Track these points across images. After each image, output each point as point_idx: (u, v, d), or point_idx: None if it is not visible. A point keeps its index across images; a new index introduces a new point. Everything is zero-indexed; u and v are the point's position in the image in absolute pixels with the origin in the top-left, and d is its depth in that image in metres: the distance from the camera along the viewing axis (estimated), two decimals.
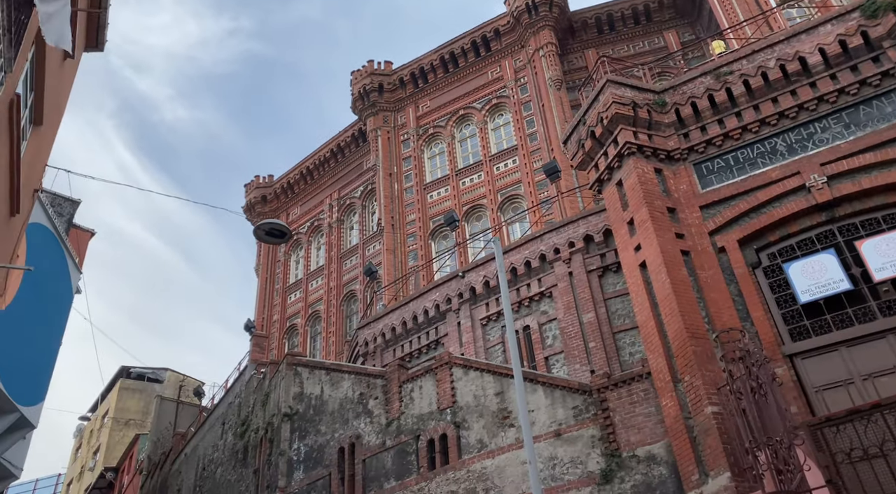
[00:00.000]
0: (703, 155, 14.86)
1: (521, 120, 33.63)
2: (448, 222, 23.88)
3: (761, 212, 13.71)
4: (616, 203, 15.15)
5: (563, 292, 18.09)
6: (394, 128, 37.96)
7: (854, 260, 12.57)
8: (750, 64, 14.74)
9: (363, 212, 39.34)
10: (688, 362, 12.32)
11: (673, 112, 15.32)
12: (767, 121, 14.33)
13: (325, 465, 17.53)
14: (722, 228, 13.91)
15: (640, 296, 13.84)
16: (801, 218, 13.32)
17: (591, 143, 15.84)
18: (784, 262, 13.26)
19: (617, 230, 15.03)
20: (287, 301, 40.92)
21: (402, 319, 21.28)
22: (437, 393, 16.13)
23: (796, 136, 14.01)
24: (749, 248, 13.59)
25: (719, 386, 11.95)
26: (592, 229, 18.34)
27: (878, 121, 13.22)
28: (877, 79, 13.43)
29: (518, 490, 13.90)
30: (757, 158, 14.26)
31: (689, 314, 12.79)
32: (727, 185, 14.27)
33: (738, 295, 13.18)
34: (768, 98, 14.43)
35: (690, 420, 12.18)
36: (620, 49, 35.32)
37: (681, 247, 13.74)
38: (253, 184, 46.28)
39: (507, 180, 32.47)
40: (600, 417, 13.65)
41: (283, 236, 12.90)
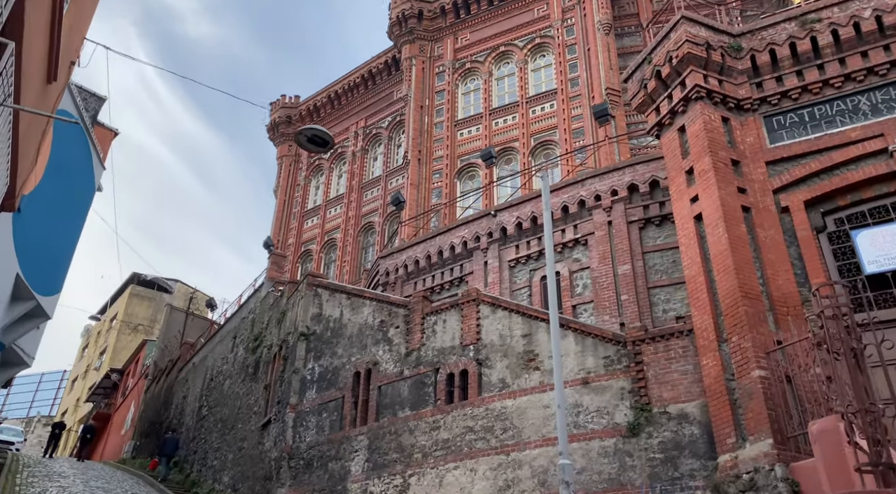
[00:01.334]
0: (776, 107, 13.86)
1: (564, 63, 32.22)
2: (486, 157, 23.01)
3: (834, 173, 12.82)
4: (676, 150, 14.25)
5: (600, 241, 17.37)
6: (430, 58, 36.56)
7: None
8: (842, 12, 13.56)
9: (389, 144, 38.37)
10: (738, 322, 11.68)
11: (748, 58, 14.23)
12: (853, 76, 13.26)
13: (339, 387, 17.23)
14: (788, 187, 13.05)
15: (692, 250, 13.11)
16: (877, 183, 12.43)
17: (656, 84, 14.81)
18: (853, 229, 12.45)
19: (673, 179, 14.18)
20: (303, 226, 40.42)
21: (427, 253, 20.67)
22: (462, 329, 15.63)
23: (883, 96, 12.98)
24: (815, 211, 12.75)
25: (769, 350, 11.35)
26: (639, 178, 17.46)
27: None
28: None
29: (538, 433, 13.52)
30: (836, 116, 13.26)
31: (745, 273, 12.08)
32: (799, 142, 13.33)
33: (797, 259, 12.43)
34: (857, 51, 13.32)
35: (733, 383, 11.62)
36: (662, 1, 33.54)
37: (742, 203, 12.91)
38: (279, 103, 45.17)
39: (542, 124, 31.34)
40: (633, 369, 13.12)
41: (325, 144, 12.18)
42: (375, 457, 15.67)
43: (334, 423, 16.85)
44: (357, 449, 16.13)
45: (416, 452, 14.98)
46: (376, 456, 15.68)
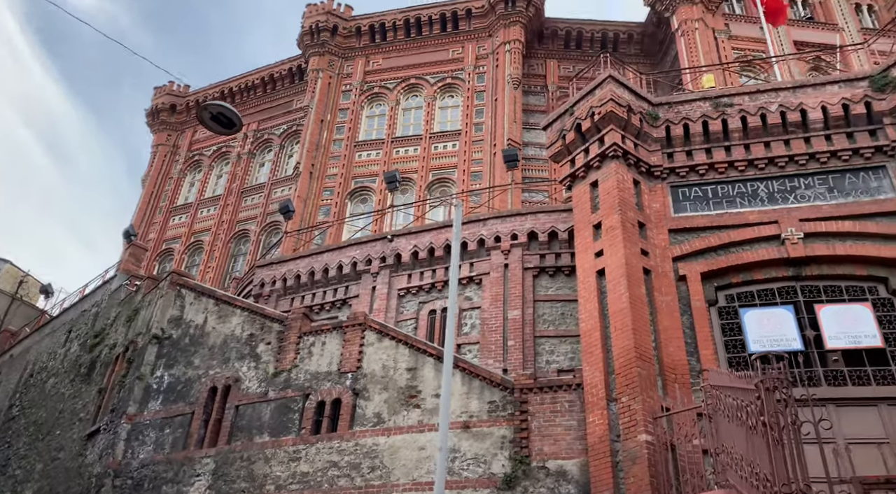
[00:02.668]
0: (683, 179, 14.32)
1: (471, 107, 32.53)
2: (390, 180, 22.25)
3: (730, 251, 13.31)
4: (586, 203, 14.28)
5: (495, 283, 17.04)
6: (338, 75, 35.63)
7: (810, 322, 12.37)
8: (752, 102, 14.39)
9: (280, 152, 36.64)
10: (630, 383, 11.57)
11: (664, 128, 14.70)
12: (755, 163, 14.00)
13: (189, 402, 15.36)
14: (687, 257, 13.38)
15: (591, 304, 13.01)
16: (767, 267, 13.02)
17: (575, 136, 14.90)
18: (742, 307, 12.90)
19: (580, 231, 14.16)
20: (169, 222, 37.31)
21: (311, 268, 19.40)
22: (342, 354, 14.52)
23: (780, 186, 13.76)
24: (710, 284, 13.13)
25: (655, 415, 11.30)
26: (539, 226, 17.43)
27: (862, 193, 13.20)
28: (869, 151, 13.43)
29: (409, 476, 12.61)
30: (736, 197, 13.88)
31: (641, 334, 12.08)
32: (701, 216, 13.78)
33: (689, 329, 12.65)
34: (761, 141, 14.12)
35: (617, 444, 11.43)
36: (579, 69, 35.10)
37: (644, 265, 13.05)
38: (165, 89, 42.06)
39: (442, 161, 31.23)
40: (517, 418, 12.65)
41: (230, 126, 10.93)
42: (220, 485, 13.98)
43: (177, 441, 14.94)
44: (200, 474, 14.33)
45: (269, 484, 13.51)
46: (221, 484, 13.99)
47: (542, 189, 29.67)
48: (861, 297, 12.45)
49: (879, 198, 12.99)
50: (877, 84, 13.68)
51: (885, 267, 12.45)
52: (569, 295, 16.49)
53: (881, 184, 13.18)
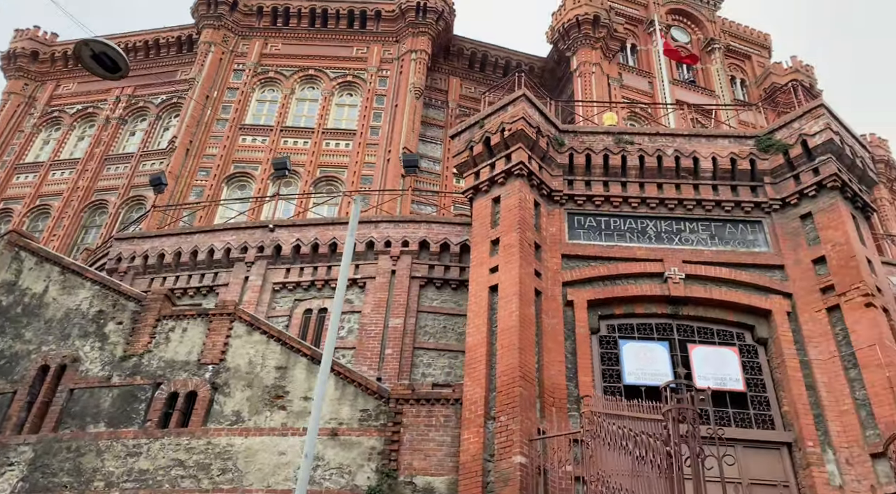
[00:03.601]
0: (580, 208, 14.55)
1: (370, 110, 31.83)
2: (279, 166, 20.96)
3: (616, 282, 13.60)
4: (486, 218, 14.08)
5: (379, 288, 16.40)
6: (231, 52, 33.63)
7: (683, 360, 12.83)
8: (651, 143, 14.93)
9: (155, 123, 33.82)
10: (511, 402, 11.36)
11: (567, 155, 14.90)
12: (648, 201, 14.49)
13: (12, 380, 13.33)
14: (576, 283, 13.51)
15: (480, 319, 12.74)
16: (649, 303, 13.41)
17: (482, 149, 14.72)
18: (621, 338, 13.16)
19: (477, 245, 13.91)
20: (12, 179, 33.20)
21: (179, 248, 17.73)
22: (205, 344, 13.23)
23: (667, 226, 14.31)
24: (594, 312, 13.30)
25: (532, 438, 11.14)
26: (432, 236, 17.06)
27: (740, 243, 14.00)
28: (750, 205, 14.31)
29: (264, 482, 11.59)
30: (627, 232, 14.26)
31: (527, 354, 11.95)
32: (593, 245, 14.02)
33: (571, 354, 12.70)
34: (655, 181, 14.66)
35: (490, 464, 11.13)
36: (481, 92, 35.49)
37: (536, 286, 13.01)
38: (28, 33, 37.70)
39: (332, 159, 30.18)
40: (389, 429, 12.04)
41: (114, 70, 9.63)
42: (37, 477, 12.15)
43: None
44: (13, 463, 12.41)
45: (98, 480, 11.91)
46: (38, 476, 12.17)
47: (432, 202, 29.47)
48: (730, 342, 13.12)
49: (754, 251, 13.84)
50: (762, 144, 14.67)
51: (753, 315, 13.21)
52: (453, 308, 16.20)
53: (757, 237, 14.06)
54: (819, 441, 11.47)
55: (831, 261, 12.97)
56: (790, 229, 13.87)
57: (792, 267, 13.41)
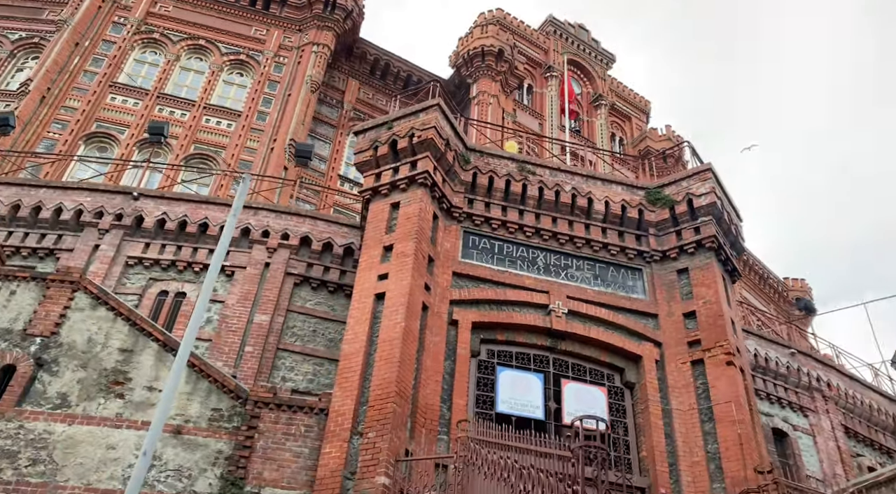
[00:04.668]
0: (477, 228, 14.29)
1: (260, 94, 30.12)
2: (154, 131, 19.00)
3: (503, 308, 13.41)
4: (381, 222, 13.41)
5: (248, 279, 15.12)
6: (113, 2, 30.63)
7: (555, 394, 12.80)
8: (552, 177, 15.06)
9: (8, 61, 29.89)
10: (382, 418, 10.66)
11: (471, 173, 14.65)
12: (542, 233, 14.52)
13: None
14: (464, 303, 13.15)
15: (361, 327, 11.97)
16: (531, 333, 13.31)
17: (388, 152, 14.09)
18: (499, 365, 12.93)
19: (368, 249, 13.17)
20: None
21: (18, 201, 15.36)
22: (36, 312, 11.36)
23: (556, 260, 14.40)
24: (477, 335, 12.98)
25: (399, 458, 10.51)
26: (316, 234, 16.08)
27: (620, 288, 14.35)
28: (633, 253, 14.76)
29: (83, 479, 10.00)
30: (518, 259, 14.18)
31: (406, 369, 11.35)
32: (485, 267, 13.77)
33: (449, 375, 12.25)
34: (551, 215, 14.75)
35: (350, 482, 10.33)
36: (378, 100, 34.98)
37: (424, 300, 12.48)
38: None
39: (210, 137, 28.10)
40: (242, 433, 10.89)
41: None
42: None
43: None
44: None
45: None
46: None
47: (311, 201, 28.22)
48: (600, 381, 13.30)
49: (632, 297, 14.24)
50: (651, 196, 15.26)
51: (624, 358, 13.50)
52: (327, 312, 15.27)
53: (636, 284, 14.50)
54: (671, 489, 11.79)
55: (701, 317, 13.60)
56: (667, 281, 14.45)
57: (665, 317, 13.93)
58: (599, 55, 41.65)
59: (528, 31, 39.26)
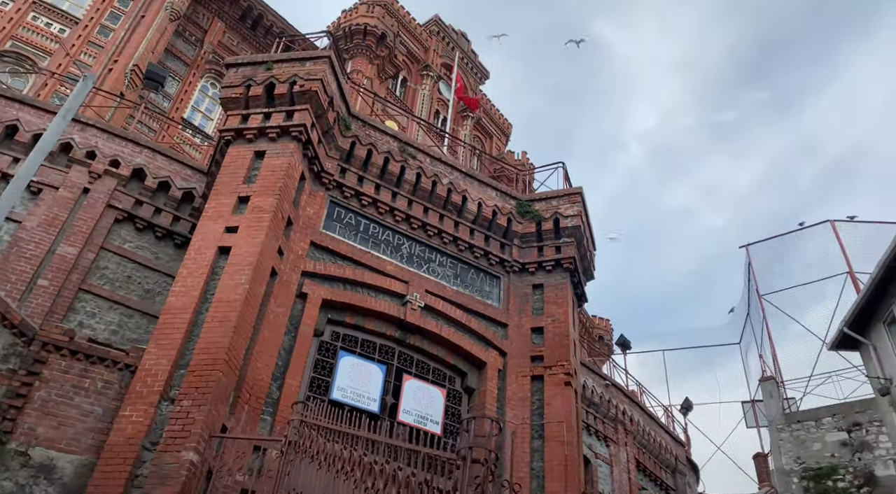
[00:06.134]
0: (345, 201, 13.16)
1: (108, 5, 26.38)
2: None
3: (358, 290, 12.36)
4: (240, 169, 11.81)
5: (59, 203, 12.64)
6: None
7: (395, 389, 11.99)
8: (431, 166, 14.35)
9: None
10: (203, 386, 9.15)
11: (350, 141, 13.52)
12: (411, 221, 13.73)
13: None
14: (317, 277, 11.93)
15: (195, 280, 10.30)
16: (382, 321, 12.40)
17: (261, 93, 12.52)
18: (342, 349, 11.86)
19: (220, 195, 11.48)
20: None
21: None
22: None
23: (421, 251, 13.67)
24: (325, 314, 11.82)
25: (214, 434, 9.08)
26: (154, 169, 13.91)
27: (478, 292, 13.94)
28: (495, 260, 14.43)
29: None
30: (383, 243, 13.24)
31: (241, 336, 9.92)
32: (347, 244, 12.66)
33: (286, 351, 10.97)
34: (423, 204, 14.02)
35: (149, 453, 8.71)
36: (243, 50, 32.28)
37: (275, 264, 11.11)
38: None
39: (35, 38, 24.02)
40: (20, 378, 8.81)
41: None
42: None
43: None
44: None
45: None
46: None
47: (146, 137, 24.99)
48: (441, 382, 12.71)
49: (488, 303, 13.89)
50: (521, 208, 15.11)
51: (469, 363, 13.06)
52: (149, 260, 13.23)
53: (493, 291, 14.19)
54: None
55: (548, 335, 13.57)
56: (522, 293, 14.30)
57: (514, 328, 13.73)
58: (476, 68, 42.10)
59: (413, 24, 38.65)
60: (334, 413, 10.07)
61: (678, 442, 23.02)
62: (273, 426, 10.10)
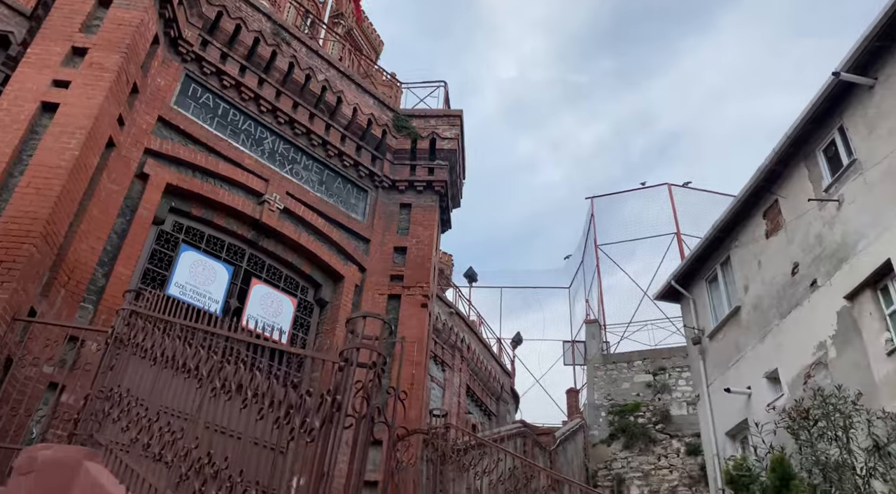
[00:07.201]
0: (203, 78, 11.53)
1: None
2: None
3: (209, 180, 10.98)
4: (78, 15, 9.77)
5: None
6: None
7: (241, 293, 10.93)
8: (307, 58, 12.99)
9: None
10: (9, 261, 7.59)
11: (217, 11, 11.79)
12: (278, 114, 12.41)
13: None
14: (162, 158, 10.39)
15: (7, 135, 8.42)
16: (234, 219, 11.17)
17: None
18: (185, 243, 10.54)
19: (47, 40, 9.44)
20: None
21: None
22: None
23: (285, 150, 12.45)
24: (168, 200, 10.37)
25: (19, 317, 7.64)
26: None
27: (343, 203, 13.04)
28: (365, 172, 13.59)
29: None
30: (243, 133, 11.84)
31: (63, 208, 8.34)
32: (201, 127, 11.14)
33: (118, 234, 9.49)
34: (293, 98, 12.69)
35: None
36: None
37: (112, 134, 9.45)
38: None
39: None
40: None
41: None
42: None
43: None
44: None
45: None
46: None
47: None
48: (292, 292, 11.83)
49: (352, 216, 13.07)
50: (398, 122, 14.29)
51: (326, 275, 12.28)
52: None
53: (359, 204, 13.37)
54: None
55: (410, 255, 13.10)
56: (388, 211, 13.64)
57: (377, 245, 13.09)
58: None
59: None
60: (173, 309, 8.96)
61: (506, 373, 24.05)
62: (95, 316, 8.75)
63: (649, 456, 21.04)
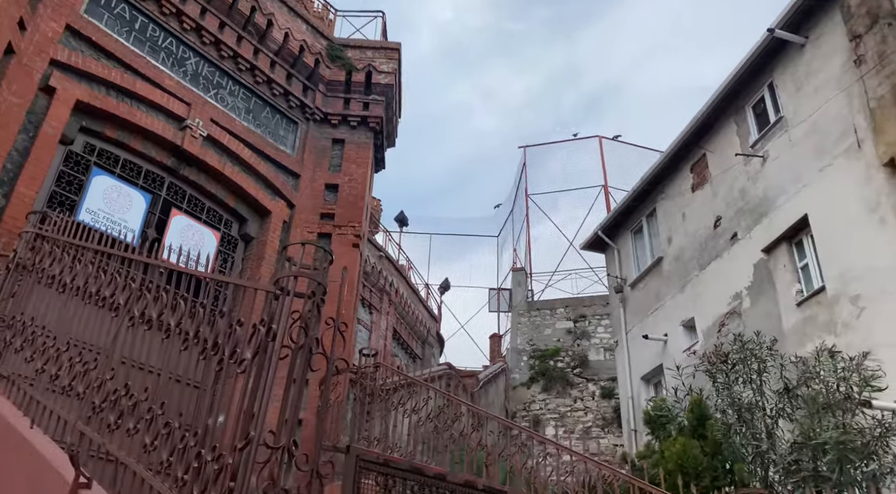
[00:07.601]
0: None
1: None
2: None
3: (124, 99, 10.10)
4: None
5: None
6: None
7: (158, 223, 10.25)
8: None
9: None
10: None
11: None
12: (203, 33, 11.49)
13: None
14: (72, 71, 9.44)
15: None
16: (153, 143, 10.37)
17: None
18: (97, 166, 9.72)
19: None
20: None
21: None
22: None
23: (210, 73, 11.60)
24: (79, 119, 9.49)
25: None
26: None
27: (272, 135, 12.36)
28: (296, 102, 12.88)
29: None
30: (163, 51, 10.92)
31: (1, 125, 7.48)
32: (116, 41, 10.15)
33: (20, 153, 8.61)
34: (219, 17, 11.75)
35: None
36: None
37: (11, 39, 8.47)
38: None
39: None
40: None
41: None
42: None
43: None
44: None
45: None
46: None
47: None
48: (215, 225, 11.21)
49: (281, 148, 12.43)
50: (332, 51, 13.58)
51: (251, 209, 11.69)
52: None
53: (288, 137, 12.72)
54: None
55: (342, 193, 12.66)
56: (319, 146, 13.07)
57: (307, 181, 12.56)
58: None
59: None
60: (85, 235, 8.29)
61: (433, 317, 24.19)
62: None
63: (566, 399, 21.80)
